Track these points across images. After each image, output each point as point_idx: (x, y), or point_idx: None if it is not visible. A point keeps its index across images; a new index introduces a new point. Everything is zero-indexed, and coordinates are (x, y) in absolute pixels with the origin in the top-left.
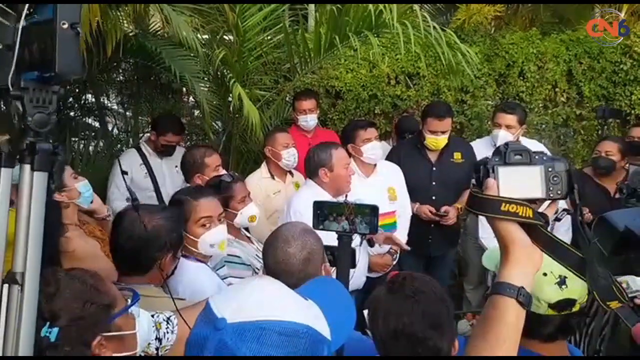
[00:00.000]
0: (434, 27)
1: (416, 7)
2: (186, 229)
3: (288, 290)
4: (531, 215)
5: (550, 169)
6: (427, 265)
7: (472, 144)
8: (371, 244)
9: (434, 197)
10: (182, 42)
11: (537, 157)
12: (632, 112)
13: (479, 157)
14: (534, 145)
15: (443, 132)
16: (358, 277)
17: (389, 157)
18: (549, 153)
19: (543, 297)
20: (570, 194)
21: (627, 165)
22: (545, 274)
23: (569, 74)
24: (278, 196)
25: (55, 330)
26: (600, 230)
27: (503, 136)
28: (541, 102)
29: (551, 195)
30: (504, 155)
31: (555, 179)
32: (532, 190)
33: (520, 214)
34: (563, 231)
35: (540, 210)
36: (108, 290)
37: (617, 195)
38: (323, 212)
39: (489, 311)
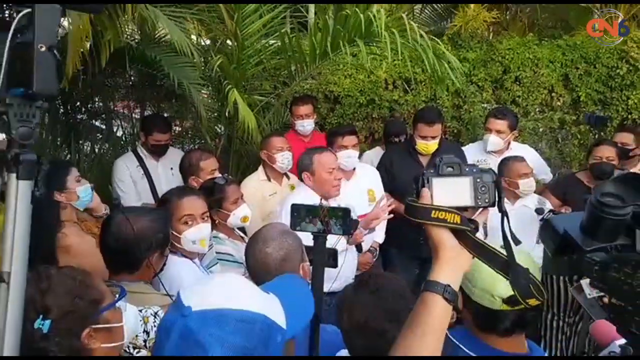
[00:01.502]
0: (421, 36)
1: (404, 15)
2: (172, 226)
3: (250, 283)
4: (459, 222)
5: (478, 180)
6: (421, 266)
7: (464, 148)
8: (359, 249)
9: None
10: (180, 50)
11: (467, 169)
12: (629, 116)
13: (469, 161)
14: (524, 150)
15: (433, 137)
16: (341, 278)
17: (382, 161)
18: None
19: (496, 293)
20: (498, 202)
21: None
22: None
23: (565, 79)
24: (274, 198)
25: (48, 322)
26: (545, 233)
27: (493, 141)
28: (537, 107)
29: (479, 203)
30: (438, 167)
31: (483, 188)
32: (462, 199)
33: (448, 220)
34: None
35: (474, 217)
36: (96, 286)
37: None
38: (300, 214)
39: (418, 306)
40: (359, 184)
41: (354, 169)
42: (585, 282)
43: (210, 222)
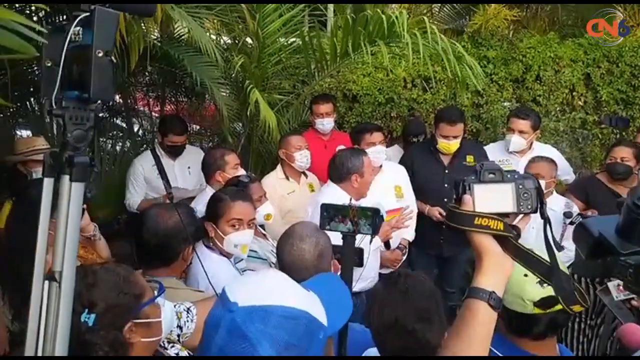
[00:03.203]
0: (441, 38)
1: (425, 18)
2: (217, 224)
3: (292, 281)
4: (502, 228)
5: (520, 186)
6: (440, 265)
7: (486, 147)
8: (387, 246)
9: (446, 199)
10: (203, 50)
11: (509, 175)
12: None
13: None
14: (547, 150)
15: (455, 137)
16: (365, 279)
17: (403, 160)
18: (564, 161)
19: (527, 296)
20: (540, 208)
21: (638, 170)
22: (526, 275)
23: (587, 78)
24: (292, 196)
25: (93, 316)
26: (579, 235)
27: (516, 141)
28: (558, 106)
29: (522, 209)
30: (479, 174)
31: (525, 195)
32: (504, 205)
33: (491, 227)
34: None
35: (514, 222)
36: (138, 282)
37: None
38: (330, 214)
39: (463, 313)
40: (386, 180)
41: (380, 165)
42: (612, 284)
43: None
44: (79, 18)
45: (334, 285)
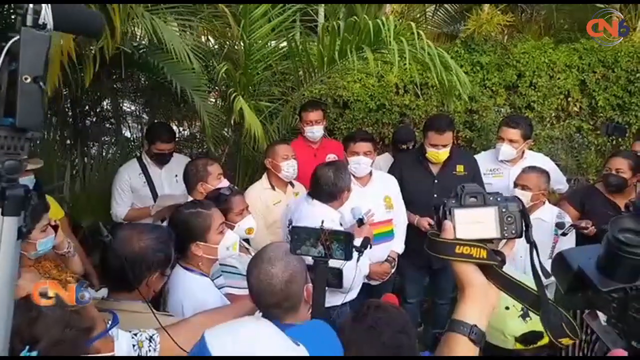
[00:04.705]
0: (429, 45)
1: (412, 24)
2: (206, 239)
3: (280, 335)
4: (485, 256)
5: (504, 210)
6: (431, 276)
7: (477, 156)
8: (370, 246)
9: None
10: (174, 57)
11: (491, 198)
12: None
13: (482, 169)
14: (539, 159)
15: (444, 146)
16: (354, 291)
17: (391, 169)
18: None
19: (508, 331)
20: (525, 232)
21: (637, 181)
22: (507, 308)
23: (582, 84)
24: (278, 206)
25: (35, 353)
26: (557, 267)
27: (505, 150)
28: (553, 112)
29: (506, 234)
30: (460, 197)
31: (509, 219)
32: (487, 231)
33: (474, 255)
34: (567, 245)
35: (499, 248)
36: (88, 314)
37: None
38: (300, 237)
39: (442, 348)
40: (375, 190)
41: (371, 175)
42: None
43: None
44: (11, 41)
45: (325, 337)
